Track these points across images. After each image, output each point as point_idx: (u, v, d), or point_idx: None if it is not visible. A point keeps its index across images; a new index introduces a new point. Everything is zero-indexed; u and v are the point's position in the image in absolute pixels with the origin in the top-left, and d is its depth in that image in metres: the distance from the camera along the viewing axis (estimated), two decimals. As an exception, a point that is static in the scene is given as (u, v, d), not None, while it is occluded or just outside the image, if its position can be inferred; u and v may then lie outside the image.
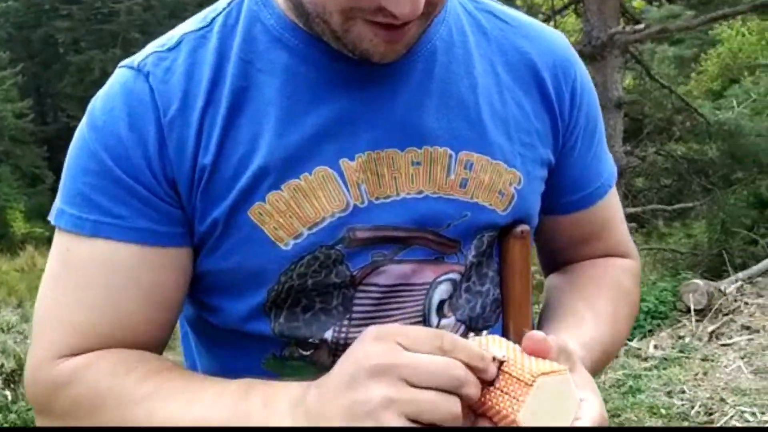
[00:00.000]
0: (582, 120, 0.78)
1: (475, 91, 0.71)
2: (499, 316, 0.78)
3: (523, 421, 0.55)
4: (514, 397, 0.56)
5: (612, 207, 0.85)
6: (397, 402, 0.52)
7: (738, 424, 3.19)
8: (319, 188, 0.67)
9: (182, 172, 0.66)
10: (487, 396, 0.57)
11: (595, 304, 0.79)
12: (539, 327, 0.78)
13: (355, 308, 0.70)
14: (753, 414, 3.25)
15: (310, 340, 0.70)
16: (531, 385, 0.55)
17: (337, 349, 0.70)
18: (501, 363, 0.57)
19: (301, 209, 0.67)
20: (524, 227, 0.74)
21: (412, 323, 0.71)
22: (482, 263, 0.75)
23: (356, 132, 0.67)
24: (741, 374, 3.73)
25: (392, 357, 0.54)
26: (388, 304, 0.71)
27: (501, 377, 0.57)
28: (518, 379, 0.56)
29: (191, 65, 0.67)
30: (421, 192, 0.69)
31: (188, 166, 0.66)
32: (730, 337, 4.29)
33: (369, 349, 0.55)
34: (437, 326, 0.72)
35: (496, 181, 0.72)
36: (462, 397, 0.54)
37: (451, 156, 0.70)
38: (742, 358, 3.92)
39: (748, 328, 4.35)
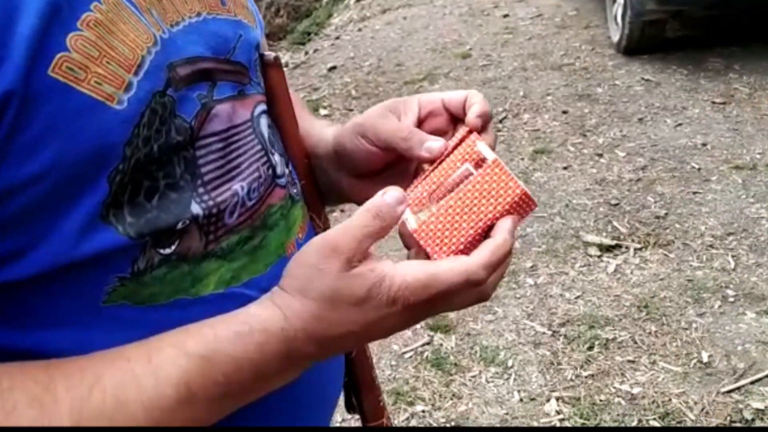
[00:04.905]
0: None
1: None
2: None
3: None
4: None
5: None
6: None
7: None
8: (118, 19, 0.50)
9: None
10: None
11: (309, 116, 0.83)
12: None
13: (203, 169, 0.56)
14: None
15: (179, 226, 0.53)
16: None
17: (209, 224, 0.56)
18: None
19: (114, 50, 0.48)
20: (273, 54, 0.70)
21: (260, 166, 0.63)
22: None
23: None
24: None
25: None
26: (231, 153, 0.60)
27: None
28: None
29: None
30: (199, 14, 0.59)
31: None
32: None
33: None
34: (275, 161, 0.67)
35: None
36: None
37: None
38: None
39: None
